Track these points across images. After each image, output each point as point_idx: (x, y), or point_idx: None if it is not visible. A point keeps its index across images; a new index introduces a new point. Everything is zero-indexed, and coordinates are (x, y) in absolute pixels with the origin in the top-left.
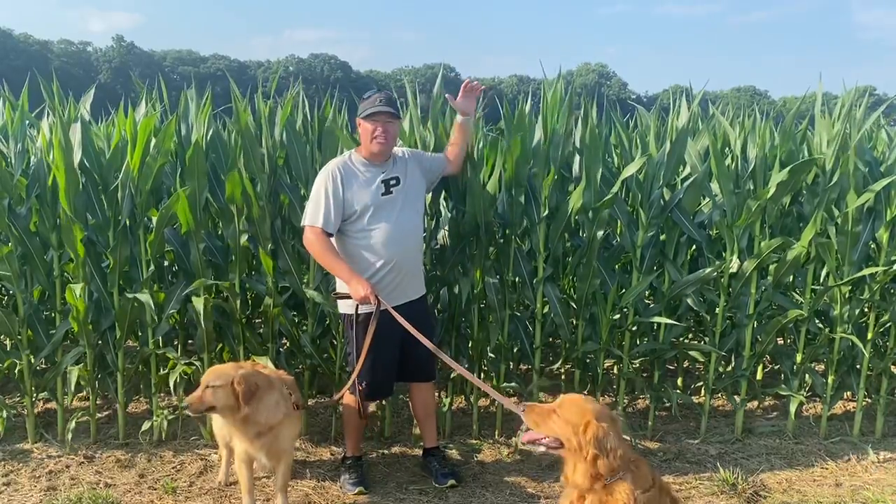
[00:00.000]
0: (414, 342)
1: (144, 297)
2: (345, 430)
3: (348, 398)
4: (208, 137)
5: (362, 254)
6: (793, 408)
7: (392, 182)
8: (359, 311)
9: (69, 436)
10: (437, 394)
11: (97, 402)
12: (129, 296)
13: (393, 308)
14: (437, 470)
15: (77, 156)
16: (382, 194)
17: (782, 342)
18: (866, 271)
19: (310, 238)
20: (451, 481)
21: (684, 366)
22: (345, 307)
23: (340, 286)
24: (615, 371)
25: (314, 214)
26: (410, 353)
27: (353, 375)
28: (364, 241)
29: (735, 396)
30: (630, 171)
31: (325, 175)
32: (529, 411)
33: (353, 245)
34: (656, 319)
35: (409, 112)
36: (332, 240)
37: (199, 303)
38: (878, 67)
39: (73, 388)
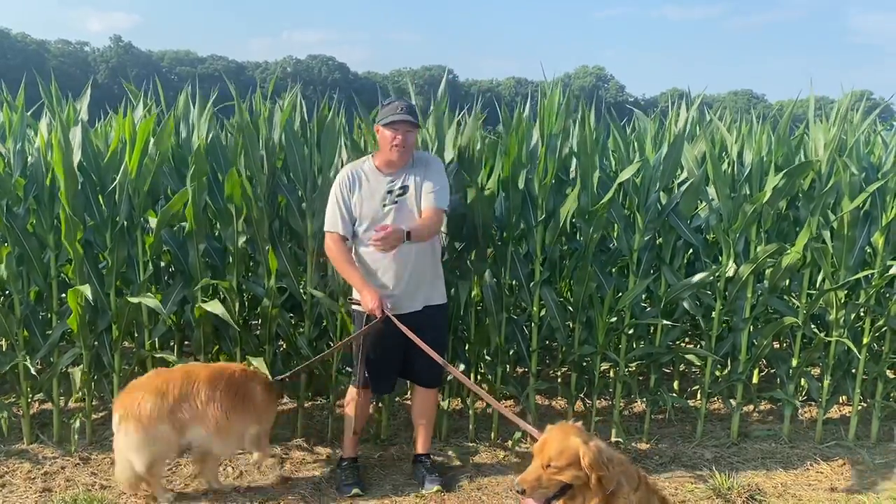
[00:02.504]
0: (420, 349)
1: (152, 301)
2: (343, 431)
3: (350, 398)
4: (208, 139)
5: (368, 260)
6: (788, 412)
7: (399, 192)
8: (368, 315)
9: (73, 436)
10: None
11: (93, 404)
12: (133, 300)
13: (406, 314)
14: (424, 476)
15: (77, 157)
16: (384, 205)
17: (778, 346)
18: (862, 274)
19: (328, 244)
20: (437, 487)
21: (680, 369)
22: (359, 308)
23: (356, 293)
24: (611, 374)
25: (331, 220)
26: (416, 358)
27: (329, 352)
28: (369, 247)
29: (731, 400)
30: (626, 174)
31: (338, 180)
32: (527, 488)
33: (362, 249)
34: (652, 321)
35: None
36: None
37: (214, 306)
38: (875, 72)
39: (78, 388)
